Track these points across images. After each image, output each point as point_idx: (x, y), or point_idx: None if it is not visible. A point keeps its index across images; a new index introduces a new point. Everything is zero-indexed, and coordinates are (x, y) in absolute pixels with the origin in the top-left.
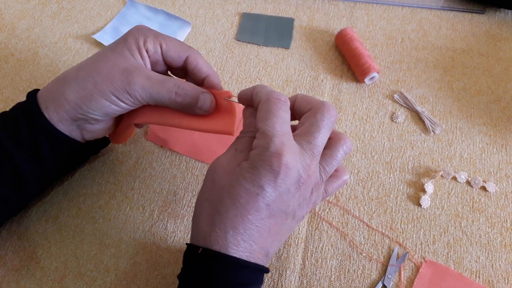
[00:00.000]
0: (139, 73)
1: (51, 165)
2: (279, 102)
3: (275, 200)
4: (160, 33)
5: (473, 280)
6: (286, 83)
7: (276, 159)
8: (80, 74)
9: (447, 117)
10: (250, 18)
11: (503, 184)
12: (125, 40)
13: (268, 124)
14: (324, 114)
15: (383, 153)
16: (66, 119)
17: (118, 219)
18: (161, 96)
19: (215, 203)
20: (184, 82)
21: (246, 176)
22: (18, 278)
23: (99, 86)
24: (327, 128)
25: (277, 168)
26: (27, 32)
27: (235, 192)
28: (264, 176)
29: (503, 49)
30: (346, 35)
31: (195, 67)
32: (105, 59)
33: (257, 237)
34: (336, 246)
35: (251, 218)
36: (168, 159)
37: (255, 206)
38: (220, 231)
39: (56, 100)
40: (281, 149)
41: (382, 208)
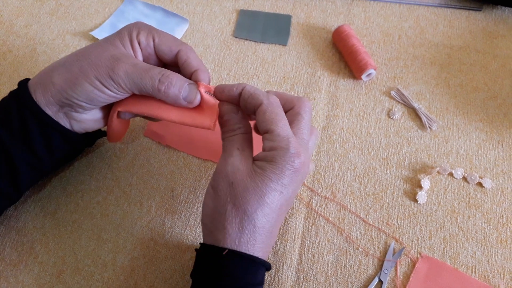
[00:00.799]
0: (125, 60)
1: (42, 151)
2: (280, 106)
3: (291, 195)
4: (155, 28)
5: (469, 275)
6: (284, 80)
7: (298, 158)
8: (69, 59)
9: (443, 114)
10: (247, 15)
11: (499, 180)
12: (119, 32)
13: (281, 127)
14: (306, 111)
15: (380, 149)
16: (52, 103)
17: (116, 214)
18: (144, 83)
19: (241, 205)
20: (169, 71)
21: (270, 176)
22: (16, 273)
23: (84, 70)
24: (309, 122)
25: (298, 166)
26: (25, 29)
27: (262, 192)
28: (287, 175)
29: (500, 46)
30: (343, 32)
31: (185, 61)
32: (95, 46)
33: (275, 232)
34: (332, 241)
35: (275, 216)
36: (165, 155)
37: (279, 204)
38: (250, 233)
39: (43, 84)
40: (300, 149)
41: (378, 203)
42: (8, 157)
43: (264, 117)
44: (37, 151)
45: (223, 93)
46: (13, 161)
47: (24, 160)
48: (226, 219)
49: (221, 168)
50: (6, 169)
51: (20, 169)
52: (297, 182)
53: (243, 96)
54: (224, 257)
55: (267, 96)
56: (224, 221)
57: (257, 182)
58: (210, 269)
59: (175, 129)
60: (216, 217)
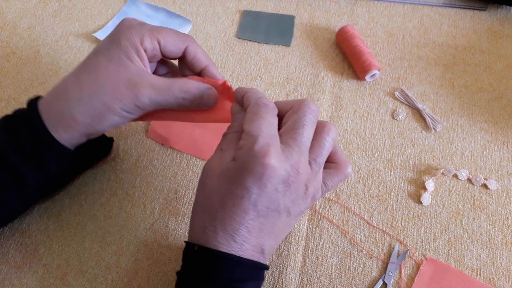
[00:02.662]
0: (144, 84)
1: (55, 175)
2: (267, 107)
3: (263, 200)
4: (154, 27)
5: (474, 278)
6: (287, 81)
7: (260, 159)
8: (84, 93)
9: (448, 115)
10: (250, 16)
11: (505, 182)
12: (120, 45)
13: (255, 125)
14: (305, 110)
15: (384, 151)
16: (77, 136)
17: (119, 216)
18: (169, 104)
19: (206, 206)
20: (187, 83)
21: (232, 178)
22: (20, 275)
23: (109, 106)
24: (311, 122)
25: (261, 169)
26: (28, 30)
27: (222, 194)
28: (249, 177)
29: (505, 46)
30: (347, 33)
31: (194, 58)
32: (105, 72)
33: (247, 236)
34: (336, 243)
35: (239, 220)
36: (169, 157)
37: (241, 208)
38: (211, 233)
39: (65, 122)
40: (266, 149)
41: (382, 205)
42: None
43: (246, 116)
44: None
45: (235, 95)
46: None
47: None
48: (194, 218)
49: (203, 168)
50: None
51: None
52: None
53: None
54: (194, 253)
55: (257, 98)
56: (193, 220)
57: (219, 184)
58: (185, 265)
59: (179, 131)
60: (192, 215)
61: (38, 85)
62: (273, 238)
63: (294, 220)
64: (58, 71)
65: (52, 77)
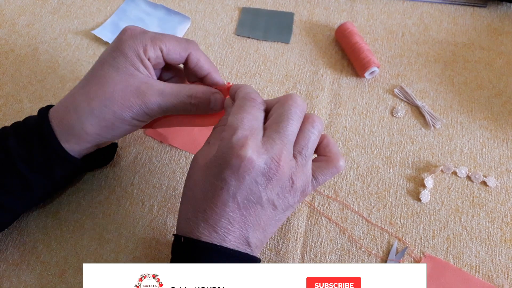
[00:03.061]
0: (152, 92)
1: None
2: (253, 101)
3: (242, 192)
4: (156, 34)
5: (473, 275)
6: (286, 78)
7: (237, 151)
8: (94, 105)
9: (447, 112)
10: (249, 13)
11: (504, 179)
12: (125, 55)
13: (237, 117)
14: (290, 104)
15: (383, 148)
16: (88, 147)
17: (117, 214)
18: (176, 108)
19: (191, 198)
20: (194, 88)
21: (212, 169)
22: (19, 273)
23: (119, 115)
24: (296, 116)
25: (238, 161)
26: (27, 28)
27: (204, 186)
28: (226, 169)
29: (505, 43)
30: (346, 30)
31: (196, 65)
32: (112, 82)
33: (229, 228)
34: (335, 241)
35: (219, 211)
36: (167, 155)
37: (221, 199)
38: (194, 224)
39: (76, 134)
40: (243, 141)
41: (381, 203)
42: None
43: (231, 110)
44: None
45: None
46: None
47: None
48: (180, 210)
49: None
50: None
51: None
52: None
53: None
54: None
55: (244, 93)
56: (180, 212)
57: (202, 176)
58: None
59: (177, 128)
60: (179, 207)
61: (37, 82)
62: (260, 231)
63: (282, 215)
64: (57, 69)
65: (50, 74)
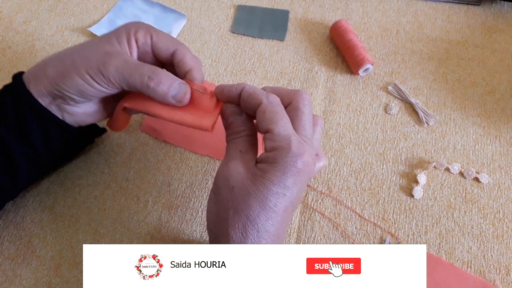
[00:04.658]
0: (117, 56)
1: (40, 144)
2: (281, 104)
3: (297, 196)
4: (154, 28)
5: (465, 270)
6: (281, 75)
7: (300, 158)
8: (63, 53)
9: (441, 109)
10: (245, 10)
11: (496, 176)
12: (117, 30)
13: (282, 126)
14: (305, 104)
15: (377, 144)
16: (45, 94)
17: (112, 209)
18: (133, 79)
19: (243, 210)
20: (160, 69)
21: (272, 179)
22: (14, 267)
23: (76, 64)
24: (311, 116)
25: (301, 167)
26: (24, 25)
27: (263, 196)
28: (290, 177)
29: (499, 41)
30: (340, 27)
31: (181, 60)
32: (91, 43)
33: (282, 234)
34: (328, 236)
35: (280, 219)
36: (162, 151)
37: (283, 207)
38: (254, 237)
39: (36, 75)
40: (302, 149)
41: (374, 198)
42: (6, 151)
43: (264, 116)
44: (35, 144)
45: (223, 94)
46: (11, 155)
47: (22, 154)
48: (229, 224)
49: (222, 171)
50: (4, 163)
51: (18, 163)
52: (302, 182)
53: (243, 96)
54: None
55: (266, 96)
56: (227, 227)
57: (258, 186)
58: None
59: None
60: (219, 223)
61: None
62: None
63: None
64: None
65: None
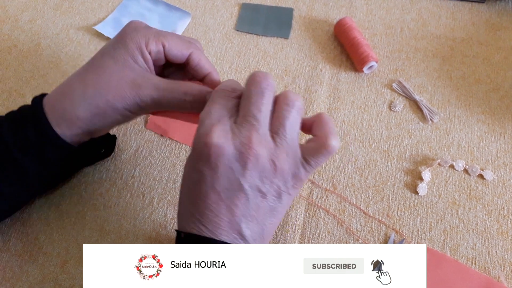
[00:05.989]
0: (147, 84)
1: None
2: (222, 92)
3: (220, 182)
4: (160, 31)
5: (469, 267)
6: (285, 73)
7: (204, 140)
8: (88, 91)
9: (445, 106)
10: (249, 8)
11: (501, 172)
12: (126, 46)
13: (205, 111)
14: (250, 84)
15: (381, 142)
16: (79, 133)
17: (118, 206)
18: (170, 104)
19: (181, 194)
20: (190, 86)
21: (189, 164)
22: (21, 263)
23: (111, 104)
24: (260, 94)
25: (207, 149)
26: (29, 23)
27: (186, 181)
28: (199, 160)
29: (503, 38)
30: (345, 25)
31: (197, 65)
32: (109, 72)
33: (216, 220)
34: (333, 233)
35: (201, 203)
36: (167, 148)
37: (201, 191)
38: (186, 220)
39: (68, 119)
40: (209, 130)
41: (379, 195)
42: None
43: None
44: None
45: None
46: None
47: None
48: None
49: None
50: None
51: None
52: (221, 167)
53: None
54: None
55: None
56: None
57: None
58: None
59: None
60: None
61: (39, 77)
62: (254, 223)
63: (277, 203)
64: (59, 64)
65: (53, 69)
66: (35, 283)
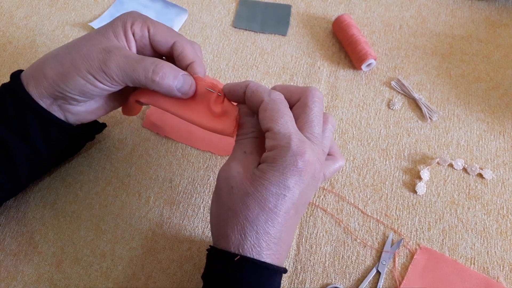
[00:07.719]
0: (117, 52)
1: (40, 144)
2: (283, 102)
3: (300, 197)
4: (150, 19)
5: (468, 267)
6: (283, 70)
7: (300, 157)
8: (60, 51)
9: (444, 104)
10: (247, 5)
11: (500, 171)
12: (112, 22)
13: (282, 124)
14: (315, 101)
15: (379, 140)
16: (46, 96)
17: (114, 205)
18: (137, 75)
19: (242, 211)
20: (163, 61)
21: (271, 179)
22: (16, 263)
23: (76, 63)
24: (320, 113)
25: (302, 167)
26: (25, 20)
27: (262, 197)
28: (290, 177)
29: (503, 36)
30: (343, 22)
31: (181, 53)
32: (88, 38)
33: (286, 237)
34: (330, 232)
35: (281, 221)
36: (164, 146)
37: (284, 208)
38: (253, 239)
39: (35, 77)
40: (303, 147)
41: (377, 194)
42: (6, 150)
43: (265, 115)
44: (35, 144)
45: (230, 93)
46: (11, 154)
47: (22, 153)
48: (227, 225)
49: (222, 171)
50: (3, 162)
51: (18, 162)
52: (304, 183)
53: (247, 94)
54: (234, 263)
55: (268, 93)
56: (226, 228)
57: (256, 186)
58: (220, 274)
59: (174, 120)
60: (220, 224)
61: None
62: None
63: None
64: None
65: None
66: (30, 283)
